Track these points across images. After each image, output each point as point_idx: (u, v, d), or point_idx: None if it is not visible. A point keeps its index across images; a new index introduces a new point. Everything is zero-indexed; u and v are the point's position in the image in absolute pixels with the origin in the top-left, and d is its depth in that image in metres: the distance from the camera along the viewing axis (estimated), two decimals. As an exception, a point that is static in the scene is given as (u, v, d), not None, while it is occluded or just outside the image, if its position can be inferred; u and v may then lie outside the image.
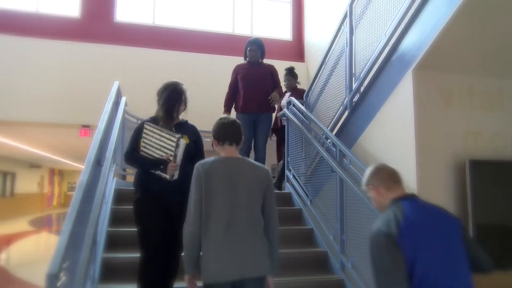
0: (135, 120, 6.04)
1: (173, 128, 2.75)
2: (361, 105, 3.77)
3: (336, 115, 4.16)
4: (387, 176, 1.97)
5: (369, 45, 3.62)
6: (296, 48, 9.57)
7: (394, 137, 3.28)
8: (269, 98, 4.54)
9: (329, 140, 3.85)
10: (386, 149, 3.37)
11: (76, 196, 2.18)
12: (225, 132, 2.23)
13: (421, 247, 1.72)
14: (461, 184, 3.02)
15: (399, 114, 3.21)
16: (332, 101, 4.34)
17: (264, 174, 2.23)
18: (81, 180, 2.33)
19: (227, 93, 4.73)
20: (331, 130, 4.08)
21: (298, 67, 8.61)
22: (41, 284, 1.99)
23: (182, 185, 2.55)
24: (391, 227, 1.73)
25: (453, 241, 1.80)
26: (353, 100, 3.89)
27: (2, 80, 7.44)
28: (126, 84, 6.64)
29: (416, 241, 1.73)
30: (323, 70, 4.57)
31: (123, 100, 4.50)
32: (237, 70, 4.71)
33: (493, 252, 2.92)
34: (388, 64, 3.39)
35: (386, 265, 1.71)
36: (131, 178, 5.83)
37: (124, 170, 5.00)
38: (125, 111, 5.14)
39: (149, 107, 2.95)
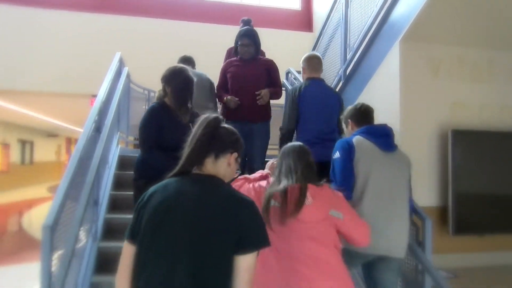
0: (141, 90, 6.23)
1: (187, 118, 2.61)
2: (354, 75, 3.86)
3: (332, 86, 4.25)
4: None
5: (363, 16, 3.66)
6: (304, 18, 9.50)
7: (382, 107, 3.35)
8: (257, 93, 3.39)
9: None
10: (375, 118, 3.47)
11: (72, 159, 2.38)
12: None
13: (307, 106, 2.96)
14: (444, 153, 3.13)
15: (387, 84, 3.30)
16: (329, 72, 4.41)
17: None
18: (78, 145, 2.52)
19: (218, 94, 3.72)
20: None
21: (306, 37, 8.64)
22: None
23: None
24: (296, 90, 3.02)
25: (330, 106, 3.00)
26: (347, 71, 3.97)
27: (17, 51, 7.69)
28: (136, 54, 6.82)
29: (306, 102, 2.95)
30: (320, 41, 4.62)
31: (125, 70, 4.65)
32: (226, 68, 3.65)
33: (471, 218, 3.08)
34: (378, 35, 3.45)
35: (289, 112, 3.02)
36: (133, 145, 6.09)
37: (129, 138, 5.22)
38: (130, 81, 5.32)
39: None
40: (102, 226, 3.30)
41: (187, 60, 4.40)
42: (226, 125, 1.53)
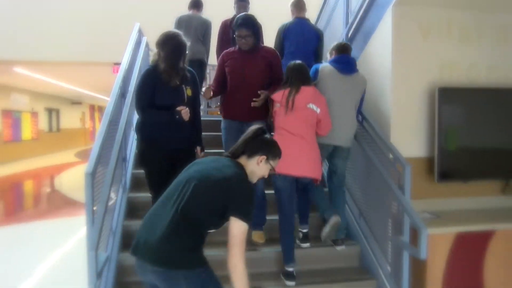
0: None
1: (177, 81, 2.83)
2: (354, 39, 4.13)
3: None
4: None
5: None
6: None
7: (377, 69, 3.68)
8: (260, 92, 3.17)
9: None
10: (371, 80, 3.78)
11: (103, 121, 2.82)
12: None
13: (290, 40, 3.88)
14: (432, 109, 3.45)
15: (381, 47, 3.58)
16: (333, 35, 4.68)
17: None
18: (107, 109, 2.96)
19: (213, 89, 3.34)
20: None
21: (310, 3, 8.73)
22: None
23: (186, 133, 2.88)
24: (283, 27, 3.95)
25: (308, 41, 3.89)
26: (349, 34, 4.24)
27: (42, 23, 8.14)
28: (155, 22, 7.15)
29: (289, 37, 3.90)
30: (325, 8, 4.87)
31: (144, 39, 5.02)
32: (224, 60, 3.31)
33: (455, 166, 3.45)
34: (375, 1, 3.70)
35: (276, 46, 3.92)
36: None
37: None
38: (149, 49, 5.70)
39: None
40: (130, 179, 3.81)
41: (195, 3, 5.04)
42: (266, 135, 2.14)
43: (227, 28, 4.39)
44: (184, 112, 2.76)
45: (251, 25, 3.12)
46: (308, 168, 2.92)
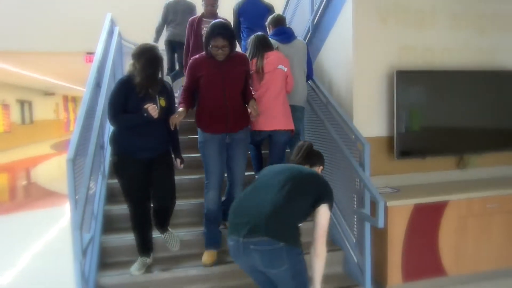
0: (132, 46, 6.67)
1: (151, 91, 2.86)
2: (319, 26, 4.34)
3: (302, 37, 4.73)
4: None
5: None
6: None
7: (340, 54, 3.90)
8: (248, 109, 3.18)
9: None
10: (335, 66, 4.02)
11: (81, 110, 2.95)
12: None
13: (244, 17, 4.47)
14: (391, 91, 3.70)
15: (344, 33, 3.80)
16: (300, 22, 4.88)
17: None
18: (84, 98, 3.09)
19: (182, 96, 3.12)
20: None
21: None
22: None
23: (159, 142, 2.94)
24: (236, 6, 4.50)
25: (260, 16, 4.22)
26: (314, 21, 4.44)
27: (13, 12, 8.01)
28: (126, 11, 7.18)
29: (243, 15, 4.47)
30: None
31: (117, 29, 5.09)
32: (196, 67, 3.06)
33: (413, 144, 3.72)
34: (336, -12, 3.90)
35: (233, 24, 4.37)
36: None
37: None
38: (122, 38, 5.77)
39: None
40: (108, 166, 3.94)
41: None
42: (314, 149, 2.57)
43: (194, 27, 4.30)
44: (151, 108, 2.74)
45: (228, 36, 2.95)
46: (284, 122, 3.38)
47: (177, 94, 4.72)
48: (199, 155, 3.23)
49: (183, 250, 3.21)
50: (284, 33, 3.75)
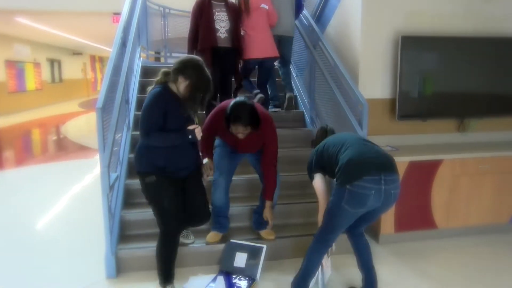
0: (157, 7, 6.93)
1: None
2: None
3: (316, 4, 4.91)
4: None
5: None
6: None
7: (350, 18, 4.09)
8: (263, 216, 3.12)
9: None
10: (344, 28, 4.20)
11: (108, 67, 3.31)
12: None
13: None
14: (396, 55, 3.89)
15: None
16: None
17: None
18: (111, 56, 3.43)
19: (202, 145, 2.97)
20: (313, 17, 4.86)
21: None
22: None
23: (194, 159, 2.80)
24: None
25: None
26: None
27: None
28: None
29: None
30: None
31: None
32: (215, 125, 2.99)
33: (414, 107, 3.94)
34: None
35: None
36: (153, 58, 6.96)
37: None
38: (147, 0, 6.04)
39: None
40: (133, 119, 4.34)
41: None
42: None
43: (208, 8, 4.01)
44: (198, 131, 2.59)
45: (254, 125, 2.78)
46: (270, 51, 4.22)
47: None
48: None
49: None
50: None
